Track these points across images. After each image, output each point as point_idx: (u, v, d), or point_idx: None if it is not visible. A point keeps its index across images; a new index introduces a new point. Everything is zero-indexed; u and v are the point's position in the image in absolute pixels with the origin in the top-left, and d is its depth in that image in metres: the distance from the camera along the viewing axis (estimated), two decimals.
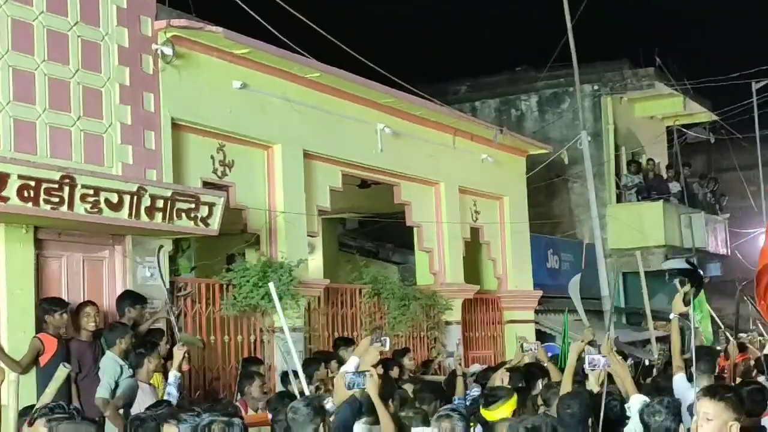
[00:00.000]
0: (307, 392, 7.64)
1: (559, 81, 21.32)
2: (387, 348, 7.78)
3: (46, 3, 9.50)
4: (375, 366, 7.25)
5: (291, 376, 8.52)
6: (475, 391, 9.80)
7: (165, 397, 8.20)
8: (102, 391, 8.61)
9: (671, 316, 10.68)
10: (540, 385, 9.46)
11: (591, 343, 10.34)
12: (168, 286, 10.09)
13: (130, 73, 10.29)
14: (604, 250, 19.32)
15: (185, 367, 9.16)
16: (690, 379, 8.76)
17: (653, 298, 17.45)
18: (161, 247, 10.00)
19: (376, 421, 6.58)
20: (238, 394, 9.66)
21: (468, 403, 8.99)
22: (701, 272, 16.63)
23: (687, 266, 13.33)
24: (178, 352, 8.69)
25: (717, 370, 10.20)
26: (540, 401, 8.16)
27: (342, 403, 6.34)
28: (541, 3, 19.27)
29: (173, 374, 8.53)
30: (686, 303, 11.59)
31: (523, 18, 27.97)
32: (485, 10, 28.89)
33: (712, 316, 15.79)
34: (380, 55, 14.70)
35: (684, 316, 10.04)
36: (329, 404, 6.63)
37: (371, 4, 28.18)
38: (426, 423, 6.59)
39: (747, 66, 21.16)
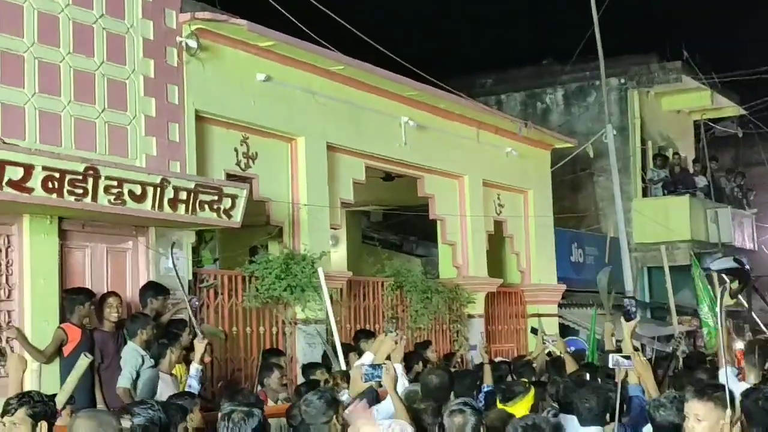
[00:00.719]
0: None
1: (584, 74, 21.24)
2: (396, 334, 7.77)
3: None
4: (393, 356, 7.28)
5: (332, 355, 8.43)
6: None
7: (186, 389, 8.25)
8: (123, 381, 8.68)
9: (716, 310, 10.68)
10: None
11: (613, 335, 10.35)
12: (185, 278, 10.16)
13: (154, 66, 10.34)
14: (629, 245, 19.29)
15: (207, 359, 9.21)
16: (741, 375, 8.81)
17: (678, 293, 17.40)
18: (173, 243, 9.96)
19: None
20: (259, 385, 9.71)
21: (483, 398, 9.00)
22: (749, 270, 16.62)
23: (736, 265, 13.33)
24: (200, 345, 8.74)
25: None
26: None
27: (359, 394, 6.37)
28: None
29: (195, 367, 8.59)
30: (732, 296, 11.62)
31: (549, 11, 27.84)
32: (513, 3, 28.81)
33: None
34: (405, 48, 14.72)
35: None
36: (344, 396, 6.66)
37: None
38: (436, 415, 6.58)
39: None
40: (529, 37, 27.40)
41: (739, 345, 11.48)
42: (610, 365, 7.50)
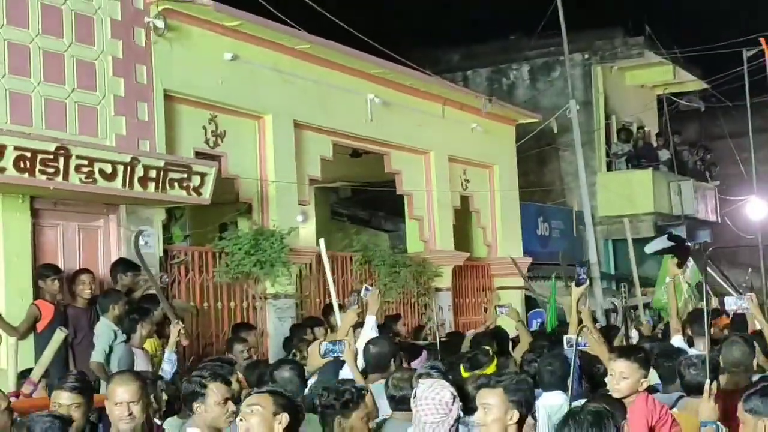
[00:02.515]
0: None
1: (550, 50, 21.19)
2: (371, 296, 7.82)
3: None
4: (354, 327, 7.42)
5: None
6: None
7: (159, 372, 8.09)
8: (96, 356, 8.74)
9: (667, 279, 10.96)
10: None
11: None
12: (156, 255, 10.26)
13: (122, 46, 10.37)
14: (593, 218, 19.47)
15: (185, 342, 9.13)
16: (690, 342, 9.10)
17: (641, 265, 17.69)
18: (138, 233, 9.82)
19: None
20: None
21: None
22: (687, 242, 16.84)
23: (670, 244, 13.54)
24: (174, 330, 8.60)
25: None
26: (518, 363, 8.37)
27: (325, 364, 6.54)
28: None
29: (168, 352, 8.49)
30: (679, 266, 11.88)
31: None
32: None
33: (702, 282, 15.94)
34: (371, 25, 14.78)
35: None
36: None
37: None
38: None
39: (738, 34, 21.17)
40: (496, 12, 27.47)
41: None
42: (566, 347, 7.71)
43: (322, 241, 9.13)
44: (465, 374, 7.10)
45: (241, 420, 4.42)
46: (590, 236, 18.68)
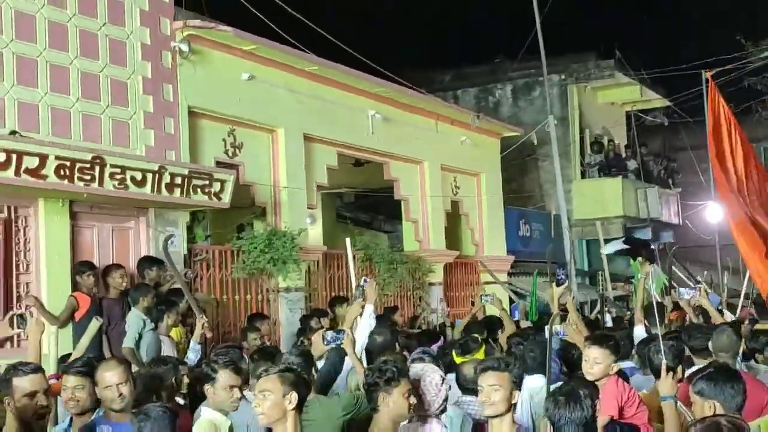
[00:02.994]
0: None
1: (530, 71, 21.18)
2: (369, 288, 7.78)
3: (78, 5, 9.63)
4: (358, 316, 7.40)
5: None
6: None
7: (185, 359, 8.05)
8: (128, 342, 8.75)
9: (640, 276, 10.98)
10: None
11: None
12: (181, 254, 10.27)
13: (151, 68, 10.41)
14: (569, 221, 19.45)
15: (208, 334, 9.12)
16: (647, 331, 9.12)
17: (612, 262, 17.71)
18: (166, 238, 9.92)
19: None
20: (244, 344, 9.81)
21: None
22: (648, 243, 16.85)
23: (626, 246, 13.54)
24: (199, 323, 8.61)
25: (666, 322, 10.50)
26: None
27: (331, 350, 6.53)
28: (516, 1, 19.29)
29: (193, 342, 8.52)
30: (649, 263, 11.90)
31: (501, 14, 27.94)
32: (469, 10, 28.91)
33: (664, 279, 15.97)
34: (373, 48, 14.78)
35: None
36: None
37: (367, 2, 28.24)
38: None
39: (698, 57, 21.19)
40: (483, 38, 27.54)
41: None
42: (547, 336, 7.72)
43: (348, 240, 9.11)
44: (457, 359, 7.12)
45: (256, 405, 4.41)
46: (566, 237, 18.64)
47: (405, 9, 28.35)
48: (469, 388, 6.27)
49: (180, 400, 6.32)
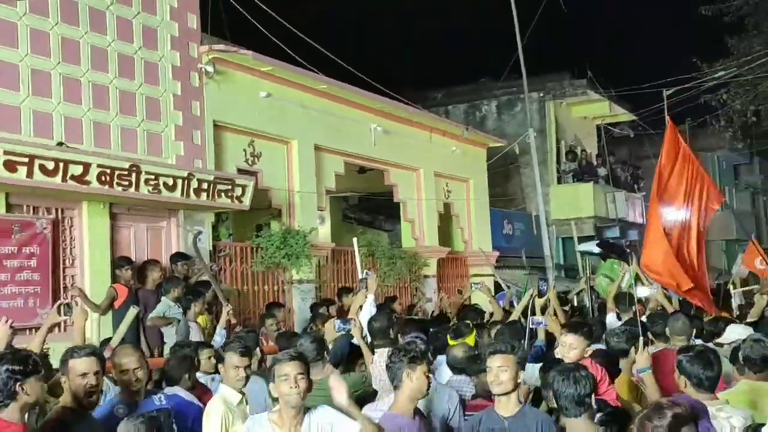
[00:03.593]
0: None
1: (513, 89, 21.16)
2: (371, 279, 7.76)
3: (117, 32, 9.66)
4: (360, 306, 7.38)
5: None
6: None
7: (211, 342, 7.96)
8: (153, 314, 8.85)
9: (618, 274, 10.92)
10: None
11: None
12: (206, 250, 10.25)
13: (181, 86, 10.43)
14: (547, 221, 19.49)
15: (234, 321, 9.09)
16: (618, 317, 9.13)
17: (584, 257, 17.67)
18: (196, 234, 9.94)
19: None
20: (263, 329, 9.87)
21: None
22: (619, 246, 16.79)
23: (597, 250, 13.42)
24: (224, 311, 8.49)
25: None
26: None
27: (340, 335, 6.53)
28: (501, 26, 19.30)
29: (219, 328, 8.41)
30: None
31: (486, 40, 27.99)
32: (459, 34, 28.97)
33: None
34: (376, 70, 14.79)
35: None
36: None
37: (370, 30, 28.28)
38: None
39: (660, 76, 21.20)
40: (471, 61, 27.57)
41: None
42: (530, 326, 7.71)
43: (355, 239, 9.16)
44: (451, 342, 7.10)
45: (292, 387, 4.36)
46: (544, 235, 18.69)
47: (403, 36, 28.40)
48: (458, 368, 6.25)
49: (201, 376, 6.31)
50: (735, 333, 6.85)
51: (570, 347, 5.87)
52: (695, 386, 4.68)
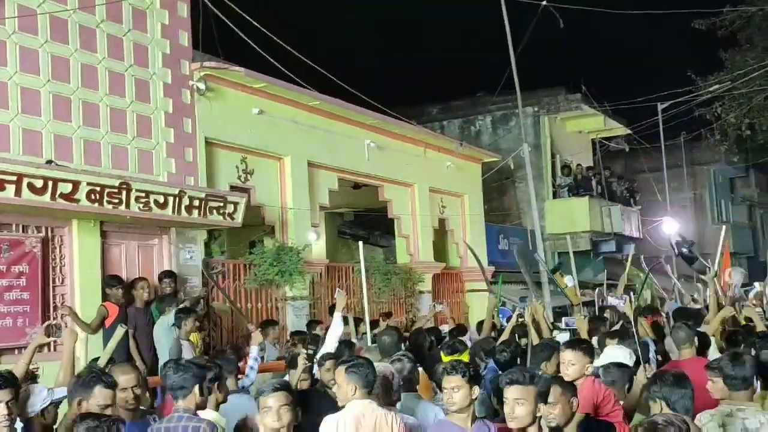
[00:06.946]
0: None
1: (507, 104, 21.05)
2: (340, 297, 7.84)
3: (108, 49, 9.63)
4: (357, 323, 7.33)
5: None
6: None
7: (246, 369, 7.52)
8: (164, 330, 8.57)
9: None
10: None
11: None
12: (216, 282, 10.29)
13: (172, 103, 10.41)
14: (543, 235, 19.40)
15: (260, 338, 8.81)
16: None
17: (580, 272, 17.58)
18: (219, 271, 10.04)
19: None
20: None
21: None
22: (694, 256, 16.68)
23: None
24: (254, 336, 7.89)
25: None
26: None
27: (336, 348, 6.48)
28: (496, 41, 19.30)
29: (254, 350, 7.68)
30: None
31: (481, 55, 28.04)
32: (454, 50, 29.03)
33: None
34: (369, 85, 14.76)
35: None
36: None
37: (363, 46, 28.32)
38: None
39: (654, 90, 21.23)
40: (466, 75, 27.58)
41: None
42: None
43: (360, 243, 9.15)
44: (445, 358, 7.01)
45: (275, 420, 4.34)
46: (540, 250, 18.58)
47: (398, 51, 28.42)
48: (441, 386, 6.18)
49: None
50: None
51: (569, 363, 5.73)
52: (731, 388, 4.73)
